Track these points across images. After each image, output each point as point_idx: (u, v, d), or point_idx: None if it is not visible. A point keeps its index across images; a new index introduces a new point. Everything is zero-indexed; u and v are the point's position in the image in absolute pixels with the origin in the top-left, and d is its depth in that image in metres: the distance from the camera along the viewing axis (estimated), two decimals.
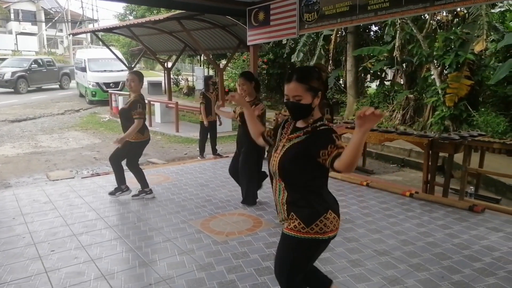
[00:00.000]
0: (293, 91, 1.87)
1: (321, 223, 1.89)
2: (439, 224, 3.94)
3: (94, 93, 17.09)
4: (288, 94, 1.89)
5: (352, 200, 4.74)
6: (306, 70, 1.95)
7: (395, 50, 10.90)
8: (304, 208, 1.90)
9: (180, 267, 3.07)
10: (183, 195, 4.96)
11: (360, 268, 3.04)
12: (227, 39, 11.10)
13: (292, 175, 1.91)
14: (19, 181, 6.25)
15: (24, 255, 3.30)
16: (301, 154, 1.87)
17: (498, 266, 3.04)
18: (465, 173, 4.65)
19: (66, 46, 40.36)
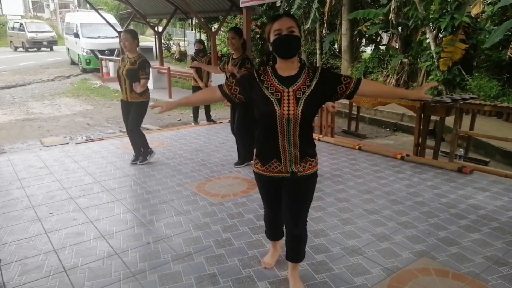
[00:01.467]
0: (287, 23, 1.93)
1: (316, 155, 2.15)
2: (428, 184, 4.06)
3: (89, 61, 16.40)
4: (281, 27, 1.93)
5: (344, 163, 4.83)
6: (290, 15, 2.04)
7: (391, 13, 10.69)
8: (311, 147, 2.10)
9: (177, 227, 3.16)
10: (178, 160, 5.01)
11: (350, 226, 3.16)
12: (219, 1, 10.77)
13: (310, 123, 2.03)
14: (13, 147, 6.25)
15: (23, 217, 3.37)
16: (319, 100, 2.00)
17: (482, 223, 3.18)
18: (456, 136, 4.73)
19: (52, 10, 38.92)
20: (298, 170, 2.07)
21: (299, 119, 1.94)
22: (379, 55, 12.81)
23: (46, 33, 25.26)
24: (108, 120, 8.36)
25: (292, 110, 1.93)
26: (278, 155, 2.06)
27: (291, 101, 1.94)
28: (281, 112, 1.94)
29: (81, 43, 16.68)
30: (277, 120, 1.96)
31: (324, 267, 2.58)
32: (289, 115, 1.94)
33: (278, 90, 1.96)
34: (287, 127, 1.97)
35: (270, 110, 1.95)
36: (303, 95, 1.94)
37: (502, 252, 2.74)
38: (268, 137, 2.04)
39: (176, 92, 11.35)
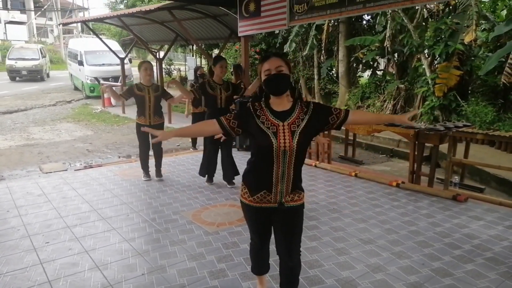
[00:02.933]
0: (275, 63, 2.05)
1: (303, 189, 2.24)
2: (423, 213, 4.08)
3: (93, 89, 16.19)
4: (270, 67, 2.05)
5: (340, 190, 4.86)
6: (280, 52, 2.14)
7: (386, 40, 10.95)
8: (300, 181, 2.19)
9: (172, 257, 3.17)
10: (175, 187, 5.05)
11: (345, 256, 3.16)
12: (218, 29, 11.06)
13: (303, 155, 2.12)
14: (12, 173, 6.29)
15: (19, 247, 3.38)
16: (312, 132, 2.11)
17: (476, 253, 3.19)
18: (450, 163, 4.78)
19: (56, 35, 39.76)
20: (286, 200, 2.14)
21: (294, 150, 2.03)
22: (376, 80, 13.02)
23: (28, 61, 21.70)
24: (107, 146, 8.43)
25: (288, 142, 2.02)
26: (269, 186, 2.12)
27: (287, 134, 2.03)
28: (277, 144, 2.02)
29: (85, 70, 16.57)
30: (273, 152, 2.04)
31: None
32: (285, 147, 2.02)
33: (273, 124, 2.05)
34: (283, 159, 2.04)
35: (267, 143, 2.03)
36: (297, 128, 2.05)
37: (495, 283, 2.74)
38: (263, 168, 2.10)
39: (176, 117, 11.48)
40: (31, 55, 21.94)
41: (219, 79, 4.77)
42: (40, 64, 22.17)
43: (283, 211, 2.16)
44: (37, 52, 22.56)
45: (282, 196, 2.13)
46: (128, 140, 9.02)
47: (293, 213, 2.17)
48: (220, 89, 4.73)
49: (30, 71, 21.71)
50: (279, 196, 2.13)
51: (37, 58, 22.13)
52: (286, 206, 2.15)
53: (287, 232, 2.19)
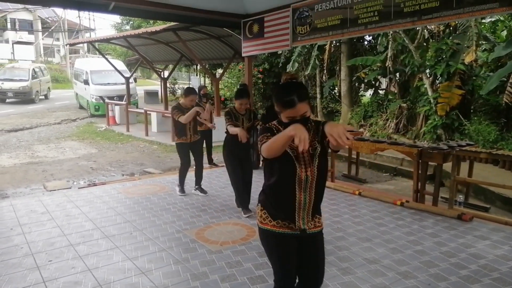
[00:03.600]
0: (300, 111, 1.92)
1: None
2: (428, 232, 4.05)
3: (98, 107, 16.33)
4: (295, 115, 1.92)
5: (344, 209, 4.84)
6: (304, 88, 2.00)
7: (388, 60, 11.09)
8: (319, 206, 2.12)
9: (175, 276, 3.15)
10: (178, 205, 5.04)
11: (350, 276, 3.13)
12: (222, 50, 11.28)
13: (325, 178, 2.06)
14: (17, 191, 6.31)
15: (22, 265, 3.37)
16: (327, 152, 2.03)
17: (483, 274, 3.15)
18: (454, 183, 4.77)
19: (62, 55, 40.48)
20: (309, 227, 2.05)
21: (316, 175, 1.97)
22: (378, 99, 13.10)
23: (16, 82, 20.22)
24: (111, 164, 8.47)
25: (309, 167, 1.96)
26: (291, 213, 2.01)
27: (307, 158, 1.97)
28: (300, 170, 1.96)
29: (90, 89, 16.74)
30: (296, 178, 1.96)
31: None
32: (307, 172, 1.96)
33: (292, 147, 1.92)
34: (305, 184, 1.98)
35: (290, 168, 1.96)
36: (315, 151, 1.97)
37: None
38: (284, 194, 2.00)
39: None
40: (20, 76, 20.51)
41: (240, 110, 4.68)
42: (29, 85, 20.51)
43: (306, 239, 2.07)
44: (28, 72, 20.88)
45: (304, 222, 2.03)
46: (132, 158, 9.07)
47: (316, 240, 2.11)
48: (242, 119, 4.68)
49: (17, 93, 20.29)
50: (301, 223, 2.02)
51: (26, 79, 20.49)
52: (309, 233, 2.05)
53: (315, 256, 2.11)
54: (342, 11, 5.39)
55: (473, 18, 8.72)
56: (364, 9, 5.11)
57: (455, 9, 4.28)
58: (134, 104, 16.42)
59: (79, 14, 37.86)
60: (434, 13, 4.44)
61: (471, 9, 4.16)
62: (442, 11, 4.37)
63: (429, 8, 4.46)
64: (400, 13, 4.73)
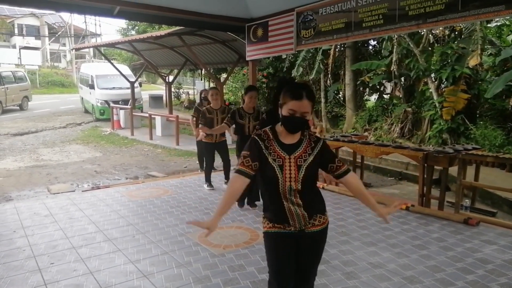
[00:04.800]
0: (303, 108, 1.95)
1: (326, 208, 2.18)
2: (434, 237, 3.99)
3: (103, 112, 16.42)
4: (297, 110, 1.95)
5: (349, 213, 4.79)
6: (310, 89, 2.03)
7: (393, 65, 11.05)
8: (319, 202, 2.14)
9: (177, 280, 3.12)
10: (182, 208, 5.02)
11: (354, 280, 3.08)
12: (227, 54, 11.30)
13: (310, 187, 2.06)
14: (21, 194, 6.32)
15: (24, 267, 3.36)
16: (317, 168, 2.06)
17: (491, 279, 3.09)
18: (460, 187, 4.71)
19: (69, 60, 40.84)
20: (306, 227, 2.06)
21: (300, 185, 1.98)
22: (383, 103, 13.05)
23: None
24: (115, 167, 8.48)
25: (294, 177, 1.98)
26: (286, 220, 2.05)
27: (293, 168, 1.98)
28: (283, 179, 1.98)
29: (96, 94, 16.82)
30: (279, 186, 1.99)
31: None
32: (290, 182, 1.98)
33: (280, 156, 2.00)
34: (289, 193, 1.99)
35: (273, 177, 1.99)
36: (304, 163, 2.00)
37: None
38: (274, 200, 2.05)
39: (183, 139, 11.55)
40: None
41: (249, 108, 4.86)
42: None
43: (304, 238, 2.08)
44: None
45: (300, 223, 2.05)
46: (136, 161, 9.07)
47: (315, 239, 2.10)
48: (249, 118, 4.85)
49: None
50: (298, 225, 2.05)
51: None
52: (307, 232, 2.07)
53: (308, 257, 2.13)
54: (346, 14, 5.37)
55: (479, 21, 8.70)
56: (368, 13, 5.09)
57: (461, 11, 4.25)
58: (139, 108, 16.49)
59: (85, 19, 38.28)
60: (439, 16, 4.40)
61: (477, 12, 4.12)
62: (447, 14, 4.33)
63: (434, 11, 4.42)
64: (405, 16, 4.69)
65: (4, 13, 36.84)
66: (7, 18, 38.14)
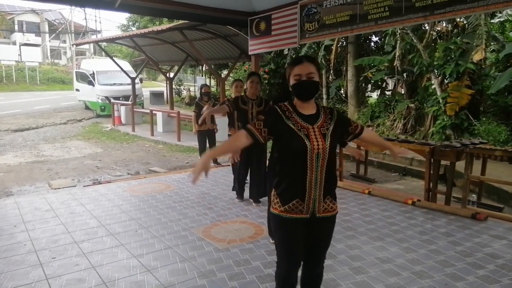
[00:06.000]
0: (306, 69, 2.01)
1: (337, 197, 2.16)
2: (442, 231, 3.92)
3: (103, 108, 16.39)
4: (301, 73, 2.01)
5: (354, 208, 4.72)
6: (311, 56, 2.09)
7: (396, 60, 10.96)
8: (333, 186, 2.11)
9: (181, 274, 3.05)
10: (184, 203, 4.95)
11: (362, 275, 3.02)
12: (228, 49, 11.20)
13: (335, 159, 2.07)
14: (21, 189, 6.26)
15: (25, 262, 3.29)
16: (339, 137, 2.09)
17: (502, 274, 3.02)
18: (467, 181, 4.63)
19: (69, 57, 40.72)
20: (319, 210, 2.05)
21: (327, 153, 1.99)
22: (385, 100, 12.96)
23: None
24: (116, 162, 8.41)
25: (321, 144, 1.98)
26: (303, 193, 2.01)
27: (318, 136, 2.00)
28: (311, 147, 1.97)
29: (96, 90, 16.72)
30: (307, 155, 1.97)
31: None
32: (318, 149, 1.97)
33: (303, 127, 2.02)
34: (316, 162, 1.98)
35: (301, 146, 1.97)
36: (327, 131, 2.03)
37: None
38: (295, 174, 2.01)
39: (185, 135, 11.48)
40: None
41: (252, 94, 4.78)
42: None
43: (315, 222, 2.07)
44: None
45: (315, 204, 2.03)
46: (137, 157, 9.01)
47: (325, 224, 2.11)
48: (252, 104, 4.76)
49: None
50: (311, 205, 2.03)
51: None
52: (318, 217, 2.05)
53: (318, 242, 2.15)
54: (351, 7, 5.28)
55: (485, 15, 8.59)
56: (374, 5, 5.00)
57: (469, 3, 4.15)
58: (140, 104, 16.41)
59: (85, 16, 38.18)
60: (447, 7, 4.31)
61: (486, 3, 4.03)
62: (456, 5, 4.24)
63: (442, 2, 4.33)
64: (411, 8, 4.60)
65: (4, 10, 36.76)
66: (7, 15, 38.02)
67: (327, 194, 2.06)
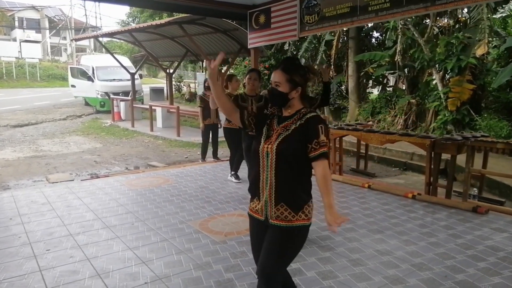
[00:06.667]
0: (275, 77, 2.00)
1: (306, 210, 1.94)
2: (442, 225, 3.87)
3: (103, 103, 16.32)
4: (272, 79, 2.03)
5: (353, 201, 4.67)
6: (293, 63, 2.03)
7: (397, 55, 10.88)
8: (294, 196, 1.93)
9: (177, 266, 3.01)
10: (182, 197, 4.90)
11: (361, 267, 2.97)
12: (228, 44, 11.12)
13: (287, 163, 1.90)
14: (18, 183, 6.22)
15: (19, 254, 3.25)
16: (298, 140, 1.90)
17: (503, 266, 2.97)
18: (469, 174, 4.57)
19: (69, 54, 40.65)
20: (271, 216, 1.94)
21: (275, 153, 1.90)
22: (386, 95, 12.88)
23: None
24: (115, 157, 8.37)
25: (271, 144, 1.94)
26: (257, 191, 2.00)
27: (274, 136, 1.96)
28: (263, 145, 1.96)
29: (96, 85, 16.63)
30: (259, 154, 1.97)
31: None
32: (267, 148, 1.94)
33: (272, 129, 2.01)
34: (266, 162, 1.94)
35: (257, 143, 2.00)
36: (285, 132, 1.95)
37: None
38: (254, 172, 2.03)
39: (184, 131, 11.43)
40: None
41: (250, 91, 4.73)
42: None
43: (269, 228, 1.96)
44: None
45: (267, 207, 1.94)
46: (136, 152, 8.96)
47: (274, 233, 1.94)
48: (251, 101, 4.69)
49: None
50: (264, 207, 1.95)
51: None
52: (271, 223, 1.94)
53: (264, 247, 1.95)
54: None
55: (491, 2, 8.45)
56: None
57: None
58: (139, 100, 16.34)
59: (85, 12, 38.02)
60: None
61: None
62: None
63: None
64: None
65: (4, 6, 36.68)
66: (7, 11, 37.93)
67: (281, 200, 1.91)
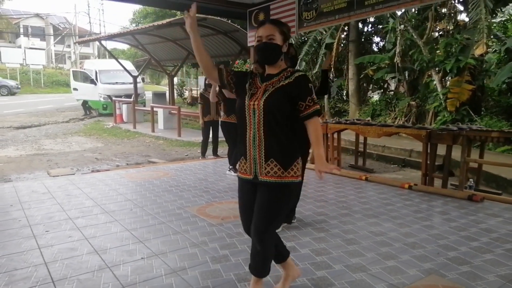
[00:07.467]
0: (267, 31, 1.95)
1: (295, 167, 1.97)
2: (437, 211, 3.90)
3: (106, 106, 16.48)
4: (262, 35, 1.95)
5: (350, 191, 4.71)
6: (276, 19, 2.07)
7: (396, 56, 10.96)
8: (282, 151, 1.96)
9: (173, 244, 3.05)
10: (181, 187, 4.96)
11: (354, 245, 3.00)
12: (229, 46, 11.28)
13: (275, 119, 1.93)
14: (20, 177, 6.29)
15: (19, 234, 3.31)
16: (285, 97, 1.93)
17: (495, 245, 3.00)
18: (465, 164, 4.61)
19: (73, 61, 41.07)
20: (261, 173, 1.97)
21: (262, 108, 1.91)
22: (386, 98, 12.95)
23: None
24: (116, 155, 8.44)
25: (257, 101, 1.94)
26: (244, 151, 2.02)
27: (260, 93, 1.96)
28: (248, 103, 1.96)
29: (98, 88, 16.84)
30: (245, 111, 1.97)
31: (325, 282, 2.42)
32: (254, 105, 1.94)
33: (256, 86, 2.01)
34: (253, 119, 1.94)
35: (241, 102, 2.00)
36: (271, 88, 1.95)
37: None
38: (241, 132, 2.03)
39: (185, 132, 11.51)
40: None
41: None
42: None
43: (258, 186, 2.00)
44: None
45: (256, 165, 1.97)
46: (137, 151, 9.03)
47: (265, 189, 1.97)
48: None
49: None
50: (252, 165, 1.98)
51: None
52: (260, 180, 1.97)
53: (259, 210, 1.99)
54: None
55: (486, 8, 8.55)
56: None
57: None
58: (141, 103, 16.47)
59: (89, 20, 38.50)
60: None
61: None
62: None
63: None
64: None
65: (10, 14, 37.21)
66: (12, 20, 38.47)
67: (271, 156, 1.94)
